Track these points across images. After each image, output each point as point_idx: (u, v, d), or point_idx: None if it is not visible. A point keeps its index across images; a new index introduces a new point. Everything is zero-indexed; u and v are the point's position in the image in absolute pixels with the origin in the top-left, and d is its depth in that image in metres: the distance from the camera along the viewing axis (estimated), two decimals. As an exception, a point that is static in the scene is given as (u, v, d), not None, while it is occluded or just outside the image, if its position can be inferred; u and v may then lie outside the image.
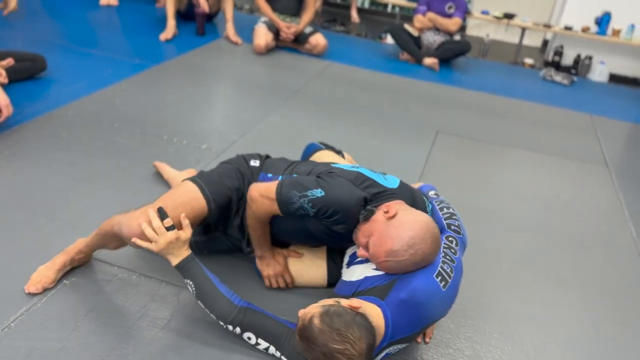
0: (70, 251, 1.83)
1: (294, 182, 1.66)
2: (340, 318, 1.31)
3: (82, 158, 2.60)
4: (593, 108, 4.45)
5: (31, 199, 2.24)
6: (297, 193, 1.61)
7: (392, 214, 1.53)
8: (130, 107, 3.23)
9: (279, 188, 1.66)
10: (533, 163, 3.29)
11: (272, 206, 1.67)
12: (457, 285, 1.58)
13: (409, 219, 1.52)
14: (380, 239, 1.50)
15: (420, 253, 1.48)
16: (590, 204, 2.86)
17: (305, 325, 1.32)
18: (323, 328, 1.29)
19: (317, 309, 1.35)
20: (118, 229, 1.67)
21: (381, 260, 1.50)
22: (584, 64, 5.54)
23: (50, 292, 1.77)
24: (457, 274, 1.57)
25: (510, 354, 1.80)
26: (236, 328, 1.55)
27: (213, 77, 4.02)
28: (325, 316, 1.31)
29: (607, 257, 2.42)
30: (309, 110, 3.61)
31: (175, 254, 1.58)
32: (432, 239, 1.51)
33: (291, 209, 1.64)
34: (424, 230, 1.50)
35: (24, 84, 3.30)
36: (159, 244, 1.56)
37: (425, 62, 4.94)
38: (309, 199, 1.59)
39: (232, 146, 2.92)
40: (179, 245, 1.58)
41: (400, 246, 1.47)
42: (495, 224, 2.55)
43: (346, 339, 1.28)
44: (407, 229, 1.49)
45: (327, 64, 4.61)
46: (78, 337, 1.62)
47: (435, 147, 3.28)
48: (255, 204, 1.71)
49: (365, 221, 1.58)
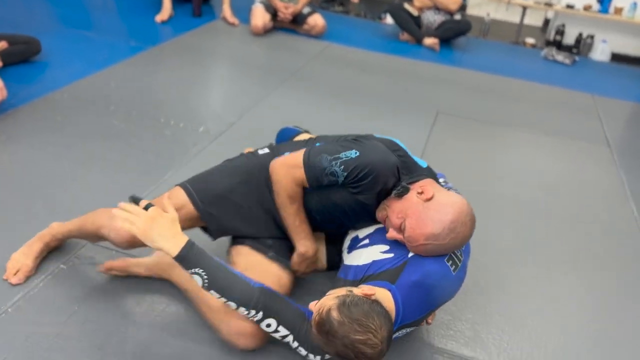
0: (45, 237, 1.79)
1: (323, 148, 1.59)
2: (358, 308, 1.26)
3: (78, 141, 2.57)
4: (595, 87, 4.40)
5: (27, 183, 2.21)
6: (328, 156, 1.53)
7: (429, 196, 1.47)
8: (126, 89, 3.18)
9: (307, 154, 1.57)
10: (534, 143, 3.26)
11: (296, 175, 1.56)
12: (466, 269, 1.56)
13: (447, 200, 1.47)
14: (419, 222, 1.44)
15: (461, 236, 1.45)
16: (592, 184, 2.84)
17: (323, 319, 1.27)
18: (342, 320, 1.24)
19: (333, 300, 1.29)
20: (107, 233, 1.60)
21: (420, 244, 1.45)
22: (585, 43, 5.48)
23: (48, 276, 1.76)
24: (465, 258, 1.56)
25: (511, 334, 1.79)
26: (258, 313, 1.41)
27: (210, 59, 3.97)
28: (342, 307, 1.26)
29: (608, 236, 2.40)
30: (308, 91, 3.57)
31: (165, 237, 1.38)
32: (471, 221, 1.48)
33: (319, 175, 1.54)
34: (464, 213, 1.46)
35: (18, 67, 3.25)
36: (139, 224, 1.38)
37: (425, 42, 4.88)
38: (341, 161, 1.51)
39: (229, 129, 2.89)
40: (165, 222, 1.40)
41: (442, 230, 1.43)
42: (496, 204, 2.53)
43: (367, 328, 1.24)
44: (448, 212, 1.44)
45: (325, 45, 4.55)
46: (76, 321, 1.61)
47: (435, 128, 3.24)
48: (279, 177, 1.60)
49: (397, 198, 1.51)
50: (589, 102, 4.06)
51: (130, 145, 2.60)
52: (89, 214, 1.73)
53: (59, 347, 1.52)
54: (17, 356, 1.48)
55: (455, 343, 1.73)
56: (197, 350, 1.57)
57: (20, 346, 1.51)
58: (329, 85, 3.73)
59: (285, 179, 1.59)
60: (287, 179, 1.59)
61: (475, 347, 1.73)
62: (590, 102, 4.06)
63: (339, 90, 3.64)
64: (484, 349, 1.72)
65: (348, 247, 1.72)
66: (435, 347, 1.70)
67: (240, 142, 2.75)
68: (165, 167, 2.44)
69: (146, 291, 1.76)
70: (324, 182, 1.56)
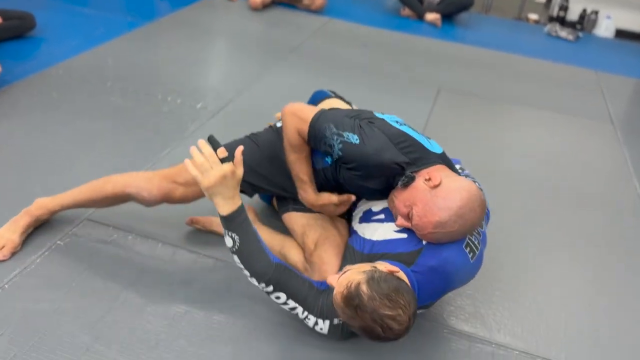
0: (34, 212, 1.78)
1: (336, 116, 1.57)
2: (387, 283, 1.25)
3: (74, 118, 2.53)
4: (598, 64, 4.34)
5: (21, 160, 2.19)
6: (334, 129, 1.52)
7: (436, 183, 1.42)
8: (123, 65, 3.14)
9: (318, 115, 1.56)
10: (537, 120, 3.22)
11: (301, 127, 1.56)
12: (482, 257, 1.54)
13: (455, 186, 1.42)
14: (427, 210, 1.40)
15: (469, 223, 1.41)
16: (595, 161, 2.81)
17: (352, 293, 1.24)
18: (372, 294, 1.22)
19: (361, 275, 1.27)
20: (135, 192, 1.67)
21: (428, 232, 1.41)
22: (589, 19, 5.39)
23: (45, 252, 1.74)
24: (482, 247, 1.53)
25: (512, 311, 1.78)
26: (269, 286, 1.42)
27: (208, 34, 3.91)
28: (372, 282, 1.24)
29: (611, 214, 2.38)
30: (308, 68, 3.52)
31: (225, 196, 1.36)
32: (480, 206, 1.43)
33: (319, 140, 1.54)
34: (472, 199, 1.41)
35: (13, 43, 3.20)
36: (209, 177, 1.33)
37: (427, 17, 4.80)
38: (342, 140, 1.50)
39: (228, 105, 2.85)
40: (232, 184, 1.36)
41: (449, 217, 1.38)
42: (498, 181, 2.50)
43: (397, 304, 1.23)
44: (456, 199, 1.39)
45: (326, 21, 4.48)
46: (73, 298, 1.60)
47: (437, 105, 3.20)
48: (286, 123, 1.61)
49: (404, 188, 1.47)
50: (593, 78, 4.00)
51: (127, 122, 2.56)
52: (92, 184, 1.74)
53: (56, 324, 1.51)
54: (14, 332, 1.47)
55: (455, 319, 1.72)
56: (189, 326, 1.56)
57: (16, 322, 1.50)
58: (329, 61, 3.67)
59: (290, 129, 1.60)
60: (292, 130, 1.60)
61: (475, 323, 1.72)
62: (594, 78, 4.00)
63: (339, 67, 3.59)
64: (484, 325, 1.71)
65: (360, 218, 1.67)
66: (435, 323, 1.69)
67: (239, 119, 2.72)
68: (162, 144, 2.41)
69: (144, 268, 1.74)
70: (320, 149, 1.58)
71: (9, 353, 1.41)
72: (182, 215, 1.93)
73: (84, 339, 1.47)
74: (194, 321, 1.58)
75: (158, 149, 2.37)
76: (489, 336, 1.68)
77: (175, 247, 1.84)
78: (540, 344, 1.68)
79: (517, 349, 1.65)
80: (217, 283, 1.72)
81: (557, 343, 1.69)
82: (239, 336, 1.55)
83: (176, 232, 1.90)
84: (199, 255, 1.82)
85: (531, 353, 1.64)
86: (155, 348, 1.48)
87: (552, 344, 1.68)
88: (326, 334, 1.49)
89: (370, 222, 1.61)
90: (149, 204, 1.72)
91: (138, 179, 1.70)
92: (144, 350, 1.47)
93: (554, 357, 1.64)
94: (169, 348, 1.49)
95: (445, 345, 1.62)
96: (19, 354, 1.41)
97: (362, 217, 1.66)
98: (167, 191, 1.69)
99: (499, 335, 1.69)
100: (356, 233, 1.62)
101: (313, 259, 1.66)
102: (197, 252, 1.83)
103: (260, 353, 1.51)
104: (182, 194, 1.71)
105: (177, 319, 1.58)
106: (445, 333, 1.67)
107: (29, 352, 1.42)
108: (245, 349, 1.52)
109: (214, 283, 1.72)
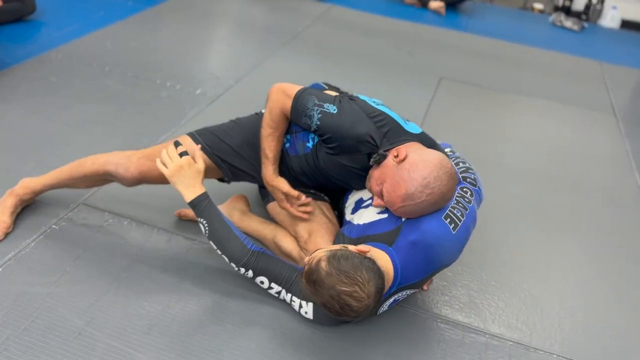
0: (19, 192, 1.79)
1: (318, 91, 1.64)
2: (347, 261, 1.27)
3: (73, 102, 2.52)
4: (603, 55, 4.30)
5: (19, 144, 2.18)
6: (316, 100, 1.57)
7: (402, 157, 1.44)
8: (123, 50, 3.12)
9: (302, 89, 1.62)
10: (539, 110, 3.20)
11: (285, 103, 1.61)
12: (468, 231, 1.52)
13: (419, 158, 1.44)
14: (394, 185, 1.43)
15: (438, 192, 1.41)
16: (597, 152, 2.79)
17: (312, 269, 1.29)
18: (330, 270, 1.26)
19: (324, 252, 1.31)
20: (114, 169, 1.69)
21: (398, 207, 1.43)
22: (595, 9, 5.33)
23: (39, 236, 1.74)
24: (468, 220, 1.51)
25: (507, 301, 1.78)
26: (248, 271, 1.50)
27: (208, 20, 3.87)
28: (332, 259, 1.28)
29: (611, 205, 2.37)
30: (309, 55, 3.49)
31: (185, 184, 1.52)
32: (446, 175, 1.43)
33: (300, 111, 1.58)
34: (437, 168, 1.42)
35: (12, 26, 3.18)
36: (170, 168, 1.54)
37: (430, 5, 4.76)
38: (321, 110, 1.55)
39: (227, 91, 2.83)
40: (190, 174, 1.53)
41: (415, 188, 1.40)
42: (499, 171, 2.48)
43: (355, 281, 1.24)
44: (420, 169, 1.41)
45: (328, 7, 4.44)
46: (67, 282, 1.60)
47: (438, 94, 3.18)
48: (271, 98, 1.65)
49: (376, 166, 1.51)
50: (596, 69, 3.96)
51: (126, 107, 2.55)
52: (74, 163, 1.77)
53: (49, 307, 1.51)
54: (7, 315, 1.47)
55: (449, 309, 1.72)
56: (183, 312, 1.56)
57: (9, 306, 1.50)
58: (331, 48, 3.64)
59: (274, 103, 1.64)
60: (276, 104, 1.63)
61: (470, 313, 1.71)
62: (598, 69, 3.97)
63: (341, 54, 3.56)
64: (478, 315, 1.71)
65: (353, 208, 1.69)
66: (429, 313, 1.69)
67: (238, 106, 2.69)
68: (161, 130, 2.40)
69: (139, 253, 1.74)
70: (300, 122, 1.61)
71: (1, 336, 1.41)
72: (177, 202, 1.92)
73: (76, 322, 1.48)
74: (187, 307, 1.58)
75: (156, 135, 2.36)
76: (483, 326, 1.67)
77: (171, 234, 1.84)
78: (534, 335, 1.67)
79: (511, 339, 1.64)
80: (211, 270, 1.72)
81: (552, 334, 1.68)
82: (232, 322, 1.55)
83: (171, 219, 1.90)
84: (194, 241, 1.82)
85: (525, 344, 1.63)
86: (148, 333, 1.48)
87: (546, 335, 1.68)
88: (312, 319, 1.51)
89: (360, 209, 1.63)
90: (127, 182, 1.72)
91: (118, 157, 1.72)
92: (137, 335, 1.47)
93: (548, 349, 1.63)
94: (162, 333, 1.49)
95: (439, 335, 1.62)
96: (12, 336, 1.41)
97: (354, 208, 1.68)
98: (144, 169, 1.70)
99: (493, 325, 1.68)
100: (347, 221, 1.65)
101: (308, 246, 1.66)
102: (191, 239, 1.83)
103: (253, 339, 1.51)
104: (159, 174, 1.69)
105: (171, 305, 1.58)
106: (439, 323, 1.66)
107: (22, 335, 1.42)
108: (238, 334, 1.52)
109: (208, 269, 1.72)
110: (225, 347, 1.48)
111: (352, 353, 1.52)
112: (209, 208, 1.52)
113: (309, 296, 1.34)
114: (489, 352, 1.59)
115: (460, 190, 1.55)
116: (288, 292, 1.52)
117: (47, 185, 1.80)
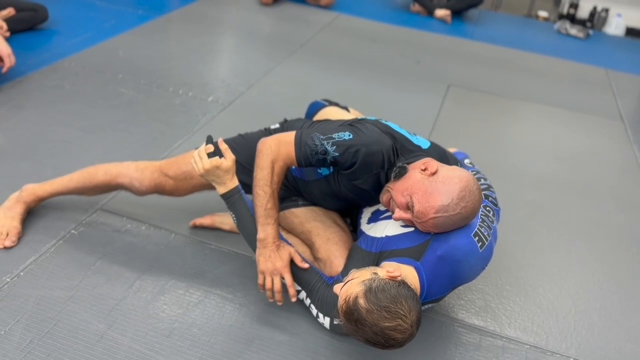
0: (27, 199, 1.81)
1: (317, 127, 1.59)
2: (385, 293, 1.24)
3: (87, 109, 2.55)
4: (609, 62, 4.32)
5: (36, 150, 2.21)
6: (322, 135, 1.50)
7: (433, 171, 1.44)
8: (135, 58, 3.15)
9: (299, 132, 1.54)
10: (547, 117, 3.22)
11: (288, 152, 1.50)
12: (492, 250, 1.54)
13: (452, 174, 1.44)
14: (427, 196, 1.41)
15: (470, 206, 1.42)
16: (605, 158, 2.80)
17: (350, 308, 1.25)
18: (370, 307, 1.22)
19: (359, 287, 1.27)
20: (128, 182, 1.73)
21: (429, 217, 1.41)
22: (600, 16, 5.36)
23: (59, 241, 1.76)
24: (492, 239, 1.54)
25: (522, 305, 1.79)
26: None
27: (218, 28, 3.91)
28: (369, 294, 1.24)
29: (621, 210, 2.38)
30: (317, 62, 3.52)
31: (217, 182, 1.55)
32: (478, 191, 1.44)
33: (310, 153, 1.49)
34: (471, 183, 1.42)
35: (26, 35, 3.22)
36: (199, 168, 1.54)
37: (437, 13, 4.79)
38: (333, 141, 1.48)
39: (238, 98, 2.86)
40: (218, 173, 1.53)
41: (451, 200, 1.39)
42: (508, 177, 2.50)
43: (397, 315, 1.22)
44: (456, 182, 1.41)
45: (335, 16, 4.48)
46: (87, 286, 1.61)
47: (446, 101, 3.20)
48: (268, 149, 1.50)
49: (397, 179, 1.48)
50: (603, 76, 3.99)
51: (139, 114, 2.57)
52: (83, 172, 1.79)
53: (70, 311, 1.52)
54: (30, 319, 1.49)
55: (465, 312, 1.73)
56: (202, 315, 1.58)
57: (31, 309, 1.51)
58: (338, 56, 3.67)
59: (276, 156, 1.51)
60: (277, 156, 1.51)
61: (486, 317, 1.72)
62: (604, 76, 3.99)
63: (348, 62, 3.59)
64: (494, 319, 1.72)
65: (369, 219, 1.68)
66: (446, 317, 1.70)
67: (249, 112, 2.73)
68: (174, 136, 2.43)
69: (158, 257, 1.76)
70: (313, 161, 1.51)
71: (24, 339, 1.43)
72: (195, 207, 1.94)
73: (98, 326, 1.49)
74: (206, 310, 1.59)
75: (170, 141, 2.38)
76: (499, 330, 1.68)
77: (188, 238, 1.86)
78: (550, 338, 1.68)
79: (528, 343, 1.65)
80: (229, 273, 1.74)
81: (568, 337, 1.69)
82: (251, 325, 1.56)
83: (189, 223, 1.92)
84: (211, 246, 1.84)
85: (541, 347, 1.64)
86: (168, 336, 1.49)
87: (562, 339, 1.69)
88: (328, 329, 1.52)
89: (379, 221, 1.62)
90: (140, 194, 1.77)
91: (131, 169, 1.75)
92: (158, 338, 1.48)
93: (565, 352, 1.64)
94: (182, 336, 1.50)
95: (456, 339, 1.63)
96: (35, 340, 1.43)
97: (370, 218, 1.68)
98: (157, 183, 1.74)
99: (509, 329, 1.69)
100: (364, 234, 1.63)
101: (321, 254, 1.66)
102: (208, 243, 1.85)
103: (272, 342, 1.52)
104: (172, 187, 1.75)
105: (191, 308, 1.59)
106: (456, 327, 1.67)
107: (44, 338, 1.44)
108: (257, 337, 1.53)
109: (226, 273, 1.74)
110: (245, 351, 1.49)
111: (370, 358, 1.53)
112: (238, 202, 1.55)
113: (352, 334, 1.29)
114: (506, 355, 1.60)
115: (483, 209, 1.57)
116: (307, 297, 1.53)
117: (54, 192, 1.82)
